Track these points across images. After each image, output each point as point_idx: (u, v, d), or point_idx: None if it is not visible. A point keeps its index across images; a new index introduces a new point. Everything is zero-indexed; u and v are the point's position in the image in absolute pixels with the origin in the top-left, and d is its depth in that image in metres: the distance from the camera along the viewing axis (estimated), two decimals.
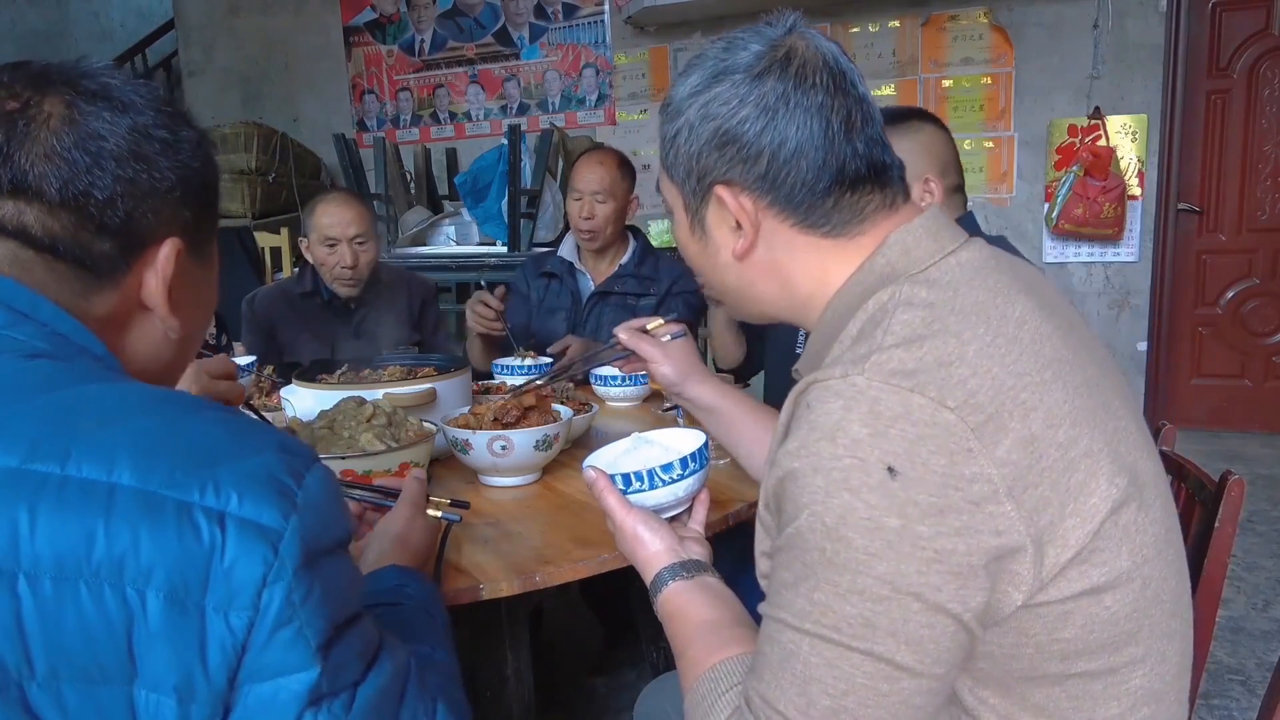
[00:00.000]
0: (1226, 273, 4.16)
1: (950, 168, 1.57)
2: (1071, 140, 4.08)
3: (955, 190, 1.58)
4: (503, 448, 1.30)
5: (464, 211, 4.34)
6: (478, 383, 1.85)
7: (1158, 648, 0.70)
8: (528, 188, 4.05)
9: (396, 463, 1.23)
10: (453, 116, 5.36)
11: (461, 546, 1.12)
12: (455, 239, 4.39)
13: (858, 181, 0.75)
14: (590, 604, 2.36)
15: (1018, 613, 0.64)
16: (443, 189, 4.85)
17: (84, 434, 0.54)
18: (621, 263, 2.37)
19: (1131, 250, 4.10)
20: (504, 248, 4.11)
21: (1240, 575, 2.74)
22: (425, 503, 1.02)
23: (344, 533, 0.62)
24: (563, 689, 2.23)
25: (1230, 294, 4.16)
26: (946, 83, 4.26)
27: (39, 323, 0.62)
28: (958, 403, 0.62)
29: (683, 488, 0.99)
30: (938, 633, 0.62)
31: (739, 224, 0.77)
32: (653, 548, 0.91)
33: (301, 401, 1.49)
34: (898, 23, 4.32)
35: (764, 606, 0.69)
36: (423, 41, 5.33)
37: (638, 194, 2.39)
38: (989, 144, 4.22)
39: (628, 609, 1.87)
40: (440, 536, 1.04)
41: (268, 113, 5.60)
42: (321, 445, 1.25)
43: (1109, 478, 0.65)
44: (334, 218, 2.19)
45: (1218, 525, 1.03)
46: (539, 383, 1.44)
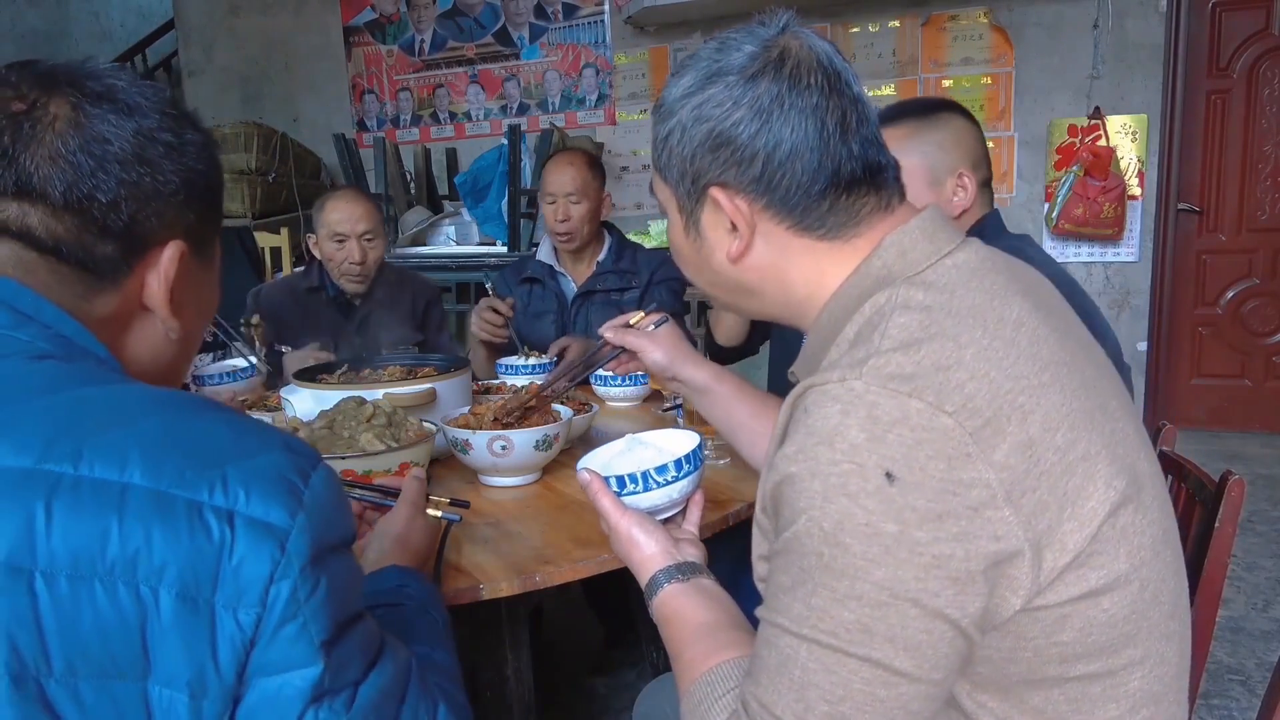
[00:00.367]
0: (1226, 273, 4.16)
1: (981, 161, 1.51)
2: (1071, 140, 4.08)
3: (984, 185, 1.51)
4: (503, 448, 1.30)
5: (464, 211, 4.35)
6: (478, 383, 1.85)
7: (1156, 649, 0.70)
8: (528, 188, 4.05)
9: (396, 463, 1.23)
10: (453, 116, 5.36)
11: (461, 546, 1.12)
12: (455, 239, 4.39)
13: (853, 183, 0.74)
14: (592, 603, 2.36)
15: (1016, 616, 0.64)
16: (443, 189, 4.85)
17: (94, 435, 0.55)
18: (599, 260, 2.37)
19: (1131, 250, 4.10)
20: (504, 248, 4.11)
21: (1240, 575, 2.74)
22: (425, 503, 1.02)
23: (348, 531, 0.63)
24: (563, 689, 2.23)
25: (1230, 294, 4.16)
26: (946, 83, 4.26)
27: (42, 324, 0.62)
28: (955, 407, 0.62)
29: (677, 489, 0.98)
30: (935, 638, 0.62)
31: (734, 226, 0.76)
32: (648, 550, 0.90)
33: (301, 401, 1.49)
34: (898, 23, 4.32)
35: (761, 610, 0.69)
36: (423, 41, 5.32)
37: (610, 192, 2.39)
38: (989, 144, 4.18)
39: (628, 609, 1.87)
40: (440, 537, 1.04)
41: (268, 113, 5.60)
42: (322, 445, 1.25)
43: (1107, 480, 0.65)
44: (343, 213, 2.20)
45: (1218, 525, 1.03)
46: (543, 390, 1.43)
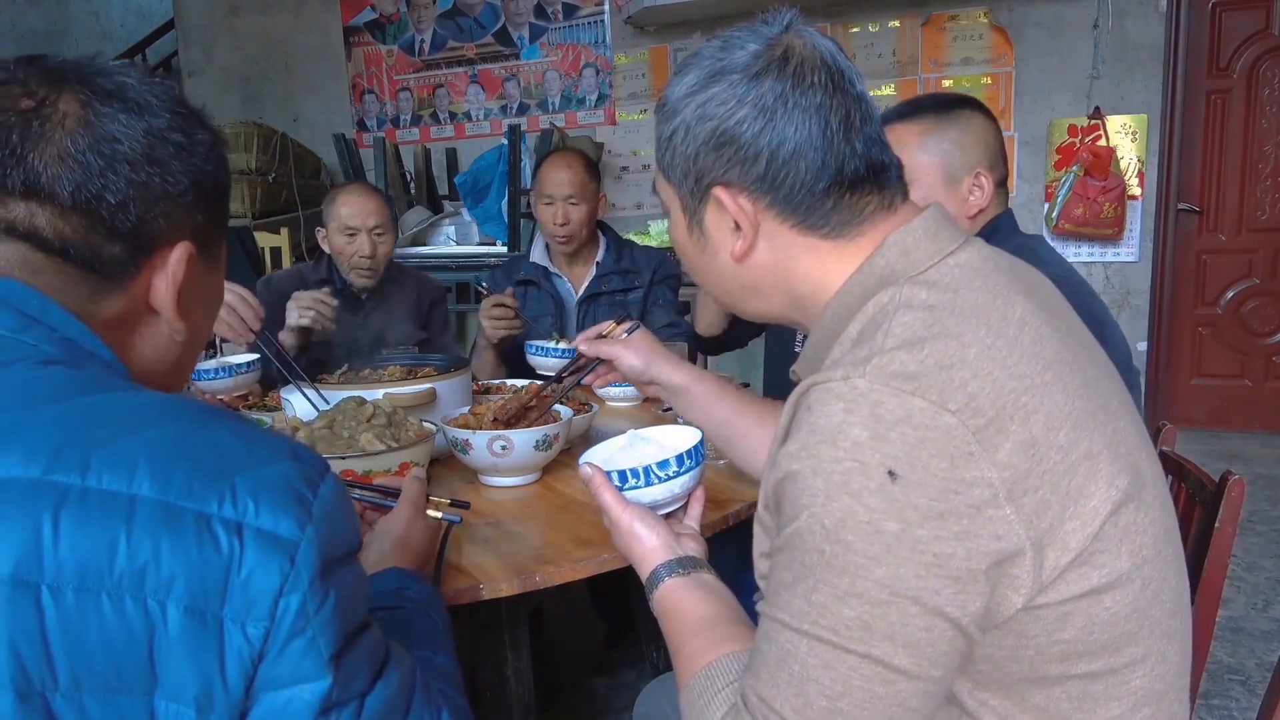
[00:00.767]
0: (1226, 273, 4.16)
1: (999, 160, 1.49)
2: (1071, 140, 4.08)
3: (1000, 184, 1.50)
4: (503, 448, 1.30)
5: (464, 211, 4.35)
6: (478, 383, 1.85)
7: (1158, 648, 0.70)
8: (528, 188, 4.05)
9: (396, 463, 1.23)
10: (453, 116, 5.36)
11: (461, 546, 1.11)
12: (455, 239, 4.39)
13: (857, 182, 0.74)
14: (595, 601, 2.36)
15: (1018, 615, 0.64)
16: (443, 189, 4.85)
17: (102, 445, 0.54)
18: (599, 261, 2.35)
19: (1131, 250, 4.10)
20: (504, 248, 4.11)
21: (1240, 575, 2.74)
22: (425, 503, 1.02)
23: (355, 541, 0.62)
24: (563, 689, 2.23)
25: (1230, 294, 4.16)
26: (946, 83, 4.26)
27: (48, 327, 0.61)
28: (959, 406, 0.62)
29: (678, 484, 0.99)
30: (935, 636, 0.62)
31: (738, 225, 0.76)
32: (649, 544, 0.91)
33: (302, 401, 1.49)
34: (898, 23, 4.32)
35: (762, 605, 0.69)
36: (423, 41, 5.32)
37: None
38: None
39: (629, 609, 1.87)
40: (440, 538, 1.03)
41: (268, 113, 5.59)
42: (322, 445, 1.25)
43: (1108, 479, 0.65)
44: (354, 207, 2.21)
45: (1218, 525, 1.03)
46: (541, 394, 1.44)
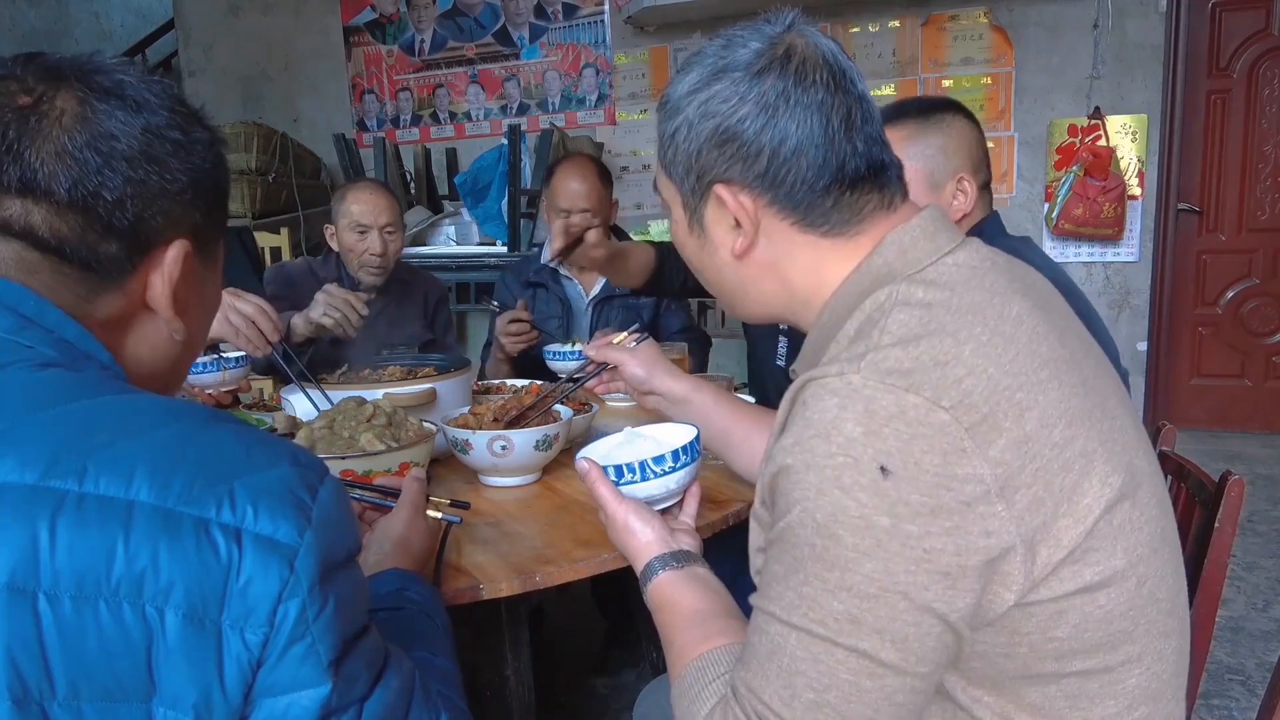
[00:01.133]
0: (1226, 273, 4.16)
1: (982, 164, 1.48)
2: (1071, 140, 4.08)
3: (984, 188, 1.49)
4: (503, 448, 1.30)
5: (464, 211, 4.34)
6: (478, 383, 1.85)
7: (1154, 646, 0.70)
8: (528, 188, 4.05)
9: (396, 463, 1.23)
10: (453, 116, 5.36)
11: (461, 546, 1.11)
12: (455, 239, 4.39)
13: (857, 180, 0.74)
14: (596, 599, 2.36)
15: (1010, 612, 0.64)
16: (443, 189, 4.85)
17: (100, 450, 0.53)
18: None
19: (1131, 250, 4.10)
20: (504, 248, 4.11)
21: (1240, 575, 2.74)
22: (425, 504, 1.02)
23: (355, 545, 0.62)
24: (563, 689, 2.23)
25: (1230, 294, 4.17)
26: (946, 83, 4.26)
27: (45, 329, 0.61)
28: (952, 403, 0.62)
29: (674, 480, 1.00)
30: (923, 631, 0.62)
31: (738, 222, 0.77)
32: (644, 538, 0.92)
33: (302, 401, 1.49)
34: (898, 23, 4.32)
35: (755, 598, 0.70)
36: (423, 41, 5.32)
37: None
38: (989, 144, 4.18)
39: (629, 608, 1.86)
40: (440, 538, 1.03)
41: (268, 113, 5.59)
42: (322, 445, 1.25)
43: (1103, 477, 0.65)
44: (366, 205, 2.18)
45: (1217, 526, 1.03)
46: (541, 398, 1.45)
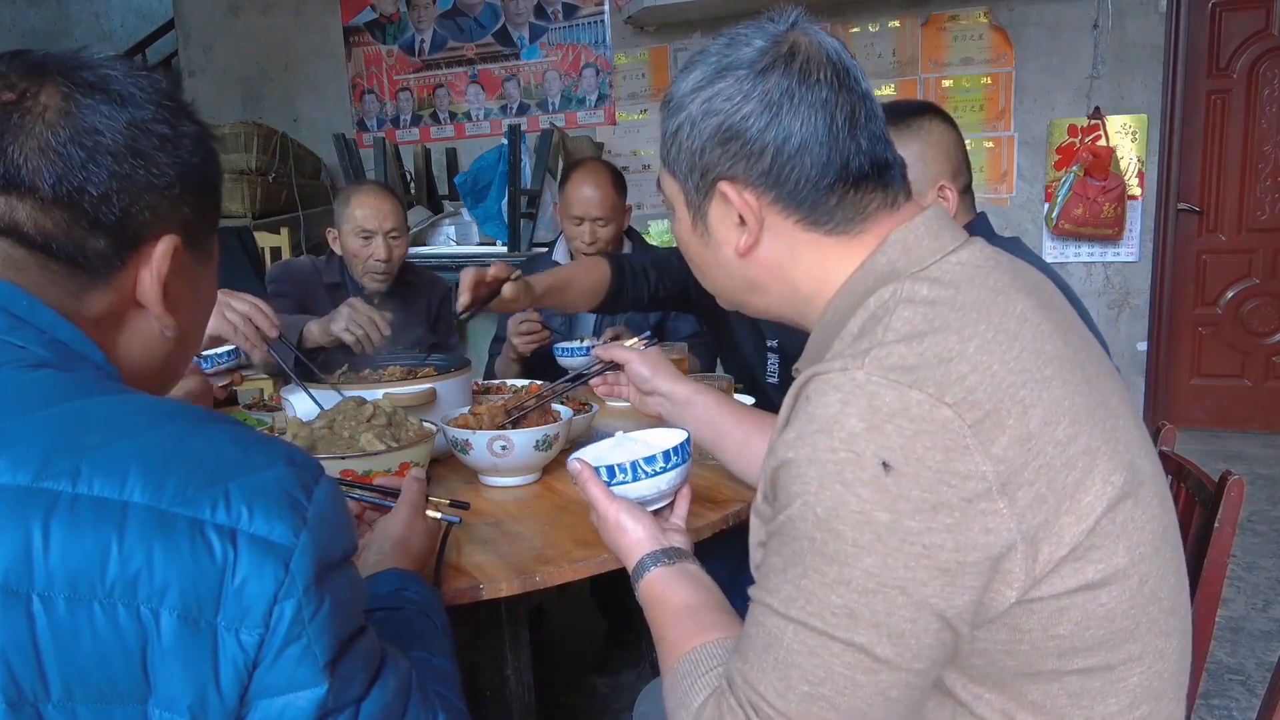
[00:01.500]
0: (1226, 273, 4.16)
1: (962, 168, 1.49)
2: (1071, 140, 4.08)
3: (965, 191, 1.50)
4: (503, 448, 1.30)
5: (464, 211, 4.34)
6: (478, 383, 1.85)
7: (1156, 645, 0.70)
8: (528, 188, 4.05)
9: (396, 463, 1.23)
10: (453, 116, 5.36)
11: (461, 546, 1.11)
12: (455, 239, 4.39)
13: (861, 178, 0.74)
14: (596, 600, 2.36)
15: (1012, 609, 0.64)
16: (443, 189, 4.84)
17: (93, 450, 0.53)
18: None
19: (1131, 250, 4.10)
20: (504, 248, 4.11)
21: (1240, 575, 2.74)
22: (425, 504, 1.01)
23: (350, 545, 0.62)
24: (563, 689, 2.23)
25: (1230, 294, 4.16)
26: (946, 83, 4.26)
27: (37, 329, 0.60)
28: (956, 399, 0.62)
29: (665, 480, 1.01)
30: (920, 628, 0.62)
31: (742, 220, 0.77)
32: (635, 535, 0.93)
33: (302, 401, 1.49)
34: (898, 23, 4.32)
35: (753, 590, 0.70)
36: (423, 41, 5.32)
37: (633, 201, 2.38)
38: (989, 144, 4.22)
39: (629, 608, 1.86)
40: (440, 538, 1.03)
41: (268, 113, 5.59)
42: (322, 445, 1.25)
43: (1105, 475, 0.65)
44: (371, 209, 2.14)
45: (1217, 526, 1.03)
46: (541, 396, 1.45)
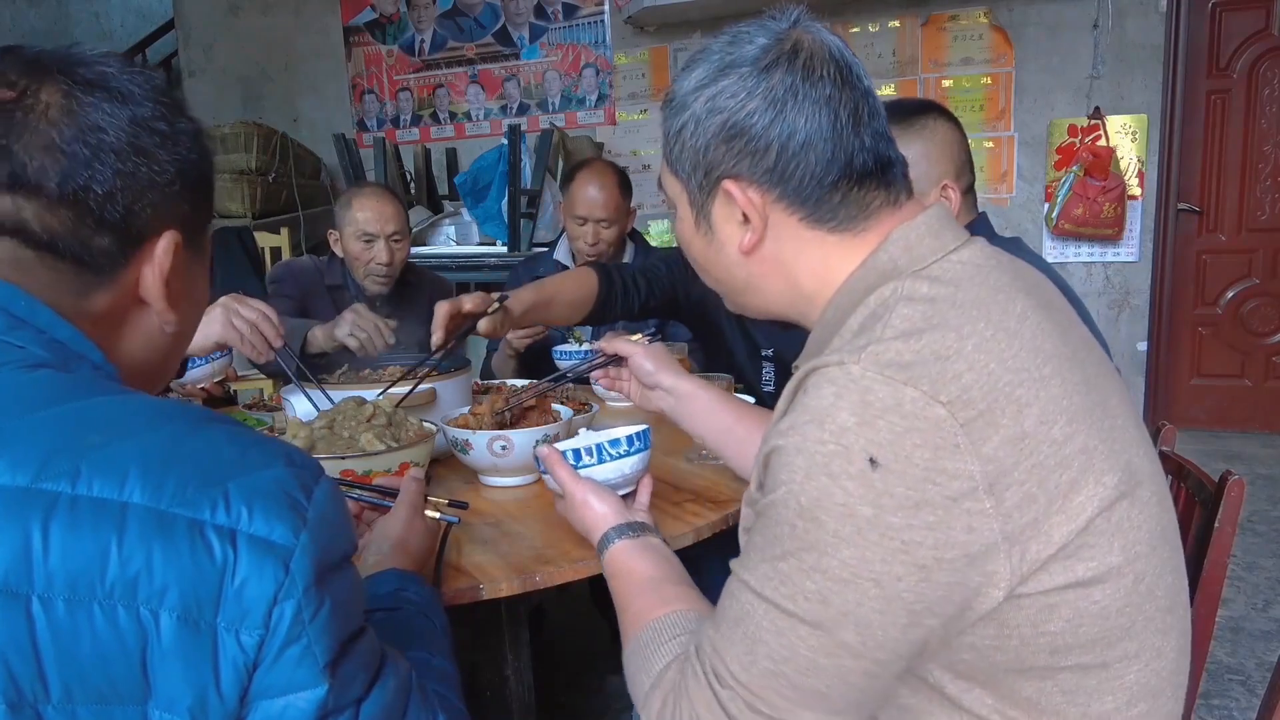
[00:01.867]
0: (1226, 273, 4.16)
1: (965, 168, 1.49)
2: (1071, 140, 4.08)
3: (968, 191, 1.50)
4: (503, 448, 1.30)
5: (464, 211, 4.34)
6: (477, 383, 1.85)
7: (1153, 643, 0.70)
8: (528, 188, 4.05)
9: (396, 463, 1.23)
10: (453, 116, 5.36)
11: (461, 546, 1.11)
12: (455, 239, 4.39)
13: (864, 176, 0.75)
14: (596, 600, 2.36)
15: (1000, 606, 0.64)
16: (443, 189, 4.84)
17: (93, 451, 0.53)
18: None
19: (1131, 250, 4.10)
20: (504, 248, 4.11)
21: (1240, 575, 2.74)
22: (424, 504, 1.02)
23: (350, 546, 0.62)
24: (563, 689, 2.23)
25: (1230, 294, 4.17)
26: (946, 83, 4.26)
27: (36, 329, 0.60)
28: (950, 397, 0.62)
29: (628, 465, 1.07)
30: (888, 620, 0.63)
31: (746, 218, 0.77)
32: (600, 510, 0.97)
33: (302, 402, 1.49)
34: (898, 23, 4.32)
35: (734, 563, 0.71)
36: (423, 41, 5.32)
37: (633, 201, 2.38)
38: (989, 144, 4.22)
39: None
40: (439, 538, 1.03)
41: (268, 113, 5.59)
42: (321, 445, 1.24)
43: (1100, 475, 0.65)
44: (372, 212, 2.11)
45: (1217, 526, 1.03)
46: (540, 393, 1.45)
